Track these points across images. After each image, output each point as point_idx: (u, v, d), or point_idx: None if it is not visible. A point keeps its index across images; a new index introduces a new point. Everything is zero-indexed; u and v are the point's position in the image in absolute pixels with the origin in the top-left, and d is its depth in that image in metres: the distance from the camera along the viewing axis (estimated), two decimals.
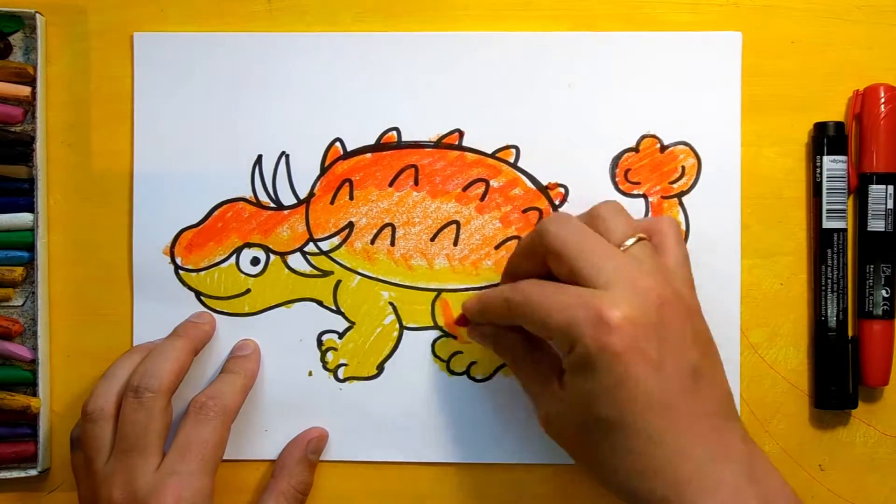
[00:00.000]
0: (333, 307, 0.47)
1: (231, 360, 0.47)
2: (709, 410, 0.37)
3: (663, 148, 0.47)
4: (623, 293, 0.37)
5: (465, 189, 0.47)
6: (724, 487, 0.36)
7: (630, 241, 0.40)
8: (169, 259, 0.47)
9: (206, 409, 0.43)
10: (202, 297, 0.47)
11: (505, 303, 0.41)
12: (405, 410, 0.47)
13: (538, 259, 0.41)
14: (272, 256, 0.47)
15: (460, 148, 0.47)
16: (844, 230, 0.46)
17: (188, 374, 0.44)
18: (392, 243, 0.47)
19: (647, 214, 0.47)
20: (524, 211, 0.47)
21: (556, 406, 0.40)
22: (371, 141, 0.47)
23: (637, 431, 0.37)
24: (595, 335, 0.36)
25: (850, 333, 0.47)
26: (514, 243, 0.47)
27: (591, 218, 0.41)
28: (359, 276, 0.47)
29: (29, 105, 0.47)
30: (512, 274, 0.44)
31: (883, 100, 0.46)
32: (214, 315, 0.47)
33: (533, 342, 0.42)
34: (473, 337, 0.46)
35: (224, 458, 0.43)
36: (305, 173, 0.47)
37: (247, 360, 0.46)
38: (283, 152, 0.47)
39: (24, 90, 0.47)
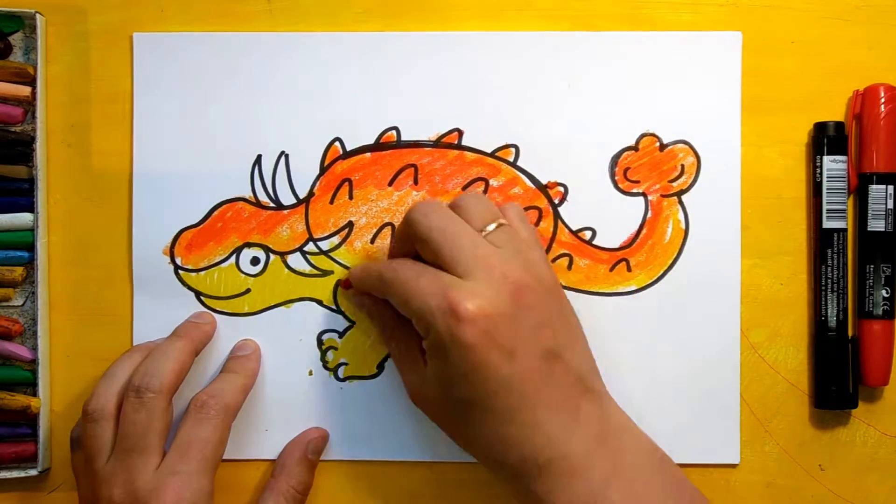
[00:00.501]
0: (333, 307, 0.47)
1: (231, 359, 0.47)
2: (562, 386, 0.39)
3: (663, 146, 0.47)
4: (479, 283, 0.38)
5: (464, 188, 0.47)
6: (573, 452, 0.39)
7: (491, 227, 0.41)
8: (169, 259, 0.47)
9: (206, 408, 0.43)
10: (202, 297, 0.47)
11: (379, 277, 0.42)
12: (405, 410, 0.47)
13: (410, 245, 0.42)
14: (272, 256, 0.47)
15: (460, 147, 0.47)
16: (844, 230, 0.46)
17: (188, 373, 0.44)
18: None
19: (646, 213, 0.47)
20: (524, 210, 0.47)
21: (421, 382, 0.42)
22: (370, 140, 0.47)
23: (491, 410, 0.39)
24: (446, 326, 0.38)
25: (850, 333, 0.47)
26: None
27: (455, 207, 0.42)
28: None
29: (29, 105, 0.47)
30: (393, 257, 0.46)
31: (883, 100, 0.46)
32: (214, 315, 0.47)
33: (404, 318, 0.42)
34: (353, 303, 0.47)
35: (224, 458, 0.43)
36: (305, 173, 0.47)
37: (247, 359, 0.46)
38: (282, 152, 0.47)
39: (24, 90, 0.47)
